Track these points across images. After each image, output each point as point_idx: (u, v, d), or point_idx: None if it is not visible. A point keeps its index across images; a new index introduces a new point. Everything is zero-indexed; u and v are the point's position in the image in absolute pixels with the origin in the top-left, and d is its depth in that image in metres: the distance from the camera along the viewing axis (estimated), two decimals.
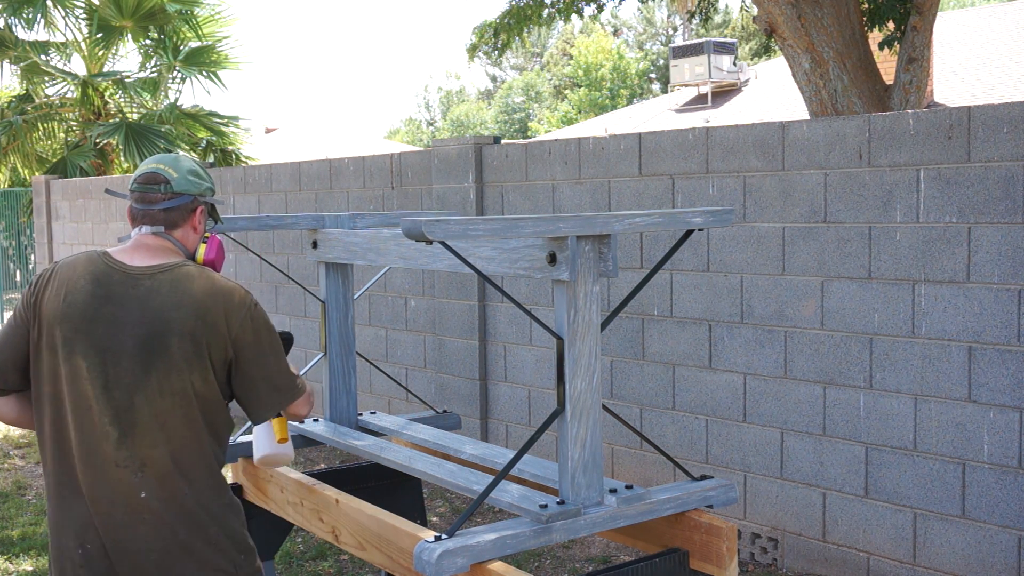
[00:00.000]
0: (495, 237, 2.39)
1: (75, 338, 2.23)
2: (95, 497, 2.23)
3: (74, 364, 2.23)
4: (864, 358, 4.18)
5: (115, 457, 2.21)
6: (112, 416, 2.21)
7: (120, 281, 2.27)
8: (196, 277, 2.30)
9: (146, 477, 2.22)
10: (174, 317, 2.23)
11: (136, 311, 2.24)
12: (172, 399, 2.23)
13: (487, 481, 2.67)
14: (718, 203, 4.64)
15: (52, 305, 2.27)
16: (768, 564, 4.57)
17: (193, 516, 2.26)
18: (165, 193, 2.36)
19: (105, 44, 12.73)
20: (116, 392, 2.22)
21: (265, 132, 29.19)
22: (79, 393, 2.23)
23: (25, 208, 12.62)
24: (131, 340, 2.22)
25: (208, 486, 2.29)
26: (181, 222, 2.39)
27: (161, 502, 2.23)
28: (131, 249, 2.35)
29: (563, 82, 47.86)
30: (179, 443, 2.24)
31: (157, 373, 2.22)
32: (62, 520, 2.27)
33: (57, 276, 2.31)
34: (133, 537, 2.22)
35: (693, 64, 19.94)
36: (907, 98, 6.85)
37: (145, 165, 2.41)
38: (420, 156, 6.35)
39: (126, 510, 2.22)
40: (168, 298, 2.25)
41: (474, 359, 5.93)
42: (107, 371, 2.22)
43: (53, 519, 2.29)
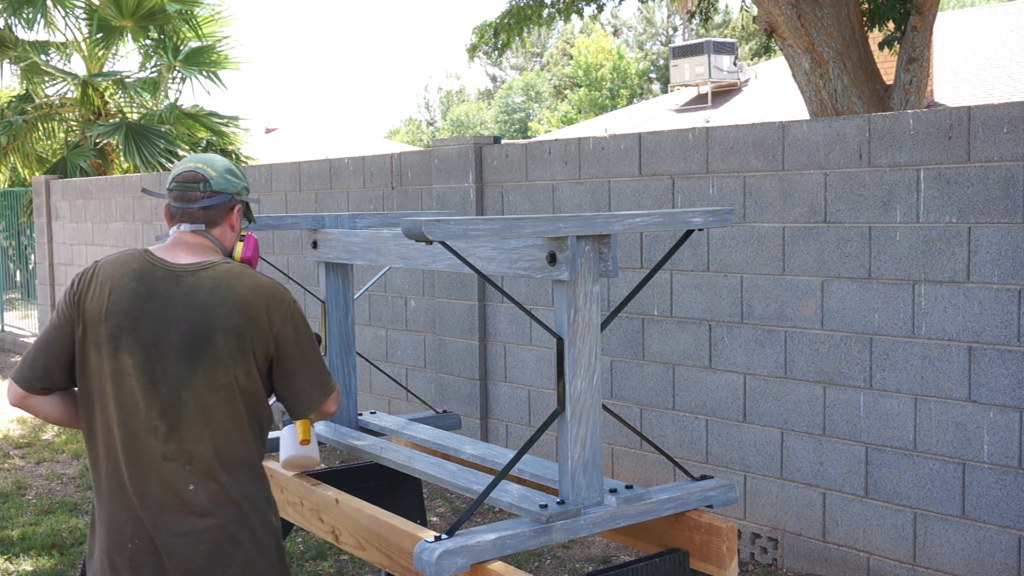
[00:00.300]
0: (495, 237, 2.39)
1: (120, 335, 2.27)
2: (143, 491, 2.26)
3: (120, 361, 2.26)
4: (864, 358, 4.18)
5: (163, 451, 2.25)
6: (160, 411, 2.25)
7: (163, 278, 2.31)
8: (238, 274, 2.34)
9: (194, 470, 2.26)
10: (218, 313, 2.27)
11: (180, 307, 2.28)
12: (218, 394, 2.27)
13: (487, 481, 2.67)
14: (718, 203, 4.64)
15: (96, 303, 2.30)
16: (768, 564, 4.57)
17: (239, 508, 2.30)
18: (204, 192, 2.41)
19: (105, 44, 12.73)
20: (163, 387, 2.25)
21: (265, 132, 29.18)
22: (126, 389, 2.26)
23: (25, 208, 12.62)
24: (176, 336, 2.26)
25: (252, 479, 2.34)
26: (219, 220, 2.44)
27: (209, 494, 2.27)
28: (172, 247, 2.39)
29: (563, 82, 47.86)
30: (224, 437, 2.29)
31: (203, 368, 2.26)
32: (113, 516, 2.29)
33: (99, 274, 2.34)
34: (182, 531, 2.25)
35: (693, 64, 19.93)
36: (907, 98, 6.85)
37: (183, 164, 2.45)
38: (420, 156, 6.35)
39: (175, 503, 2.25)
40: (212, 295, 2.29)
41: (474, 359, 5.93)
42: (153, 367, 2.26)
43: (105, 515, 2.31)
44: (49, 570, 4.79)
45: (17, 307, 13.56)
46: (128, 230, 9.63)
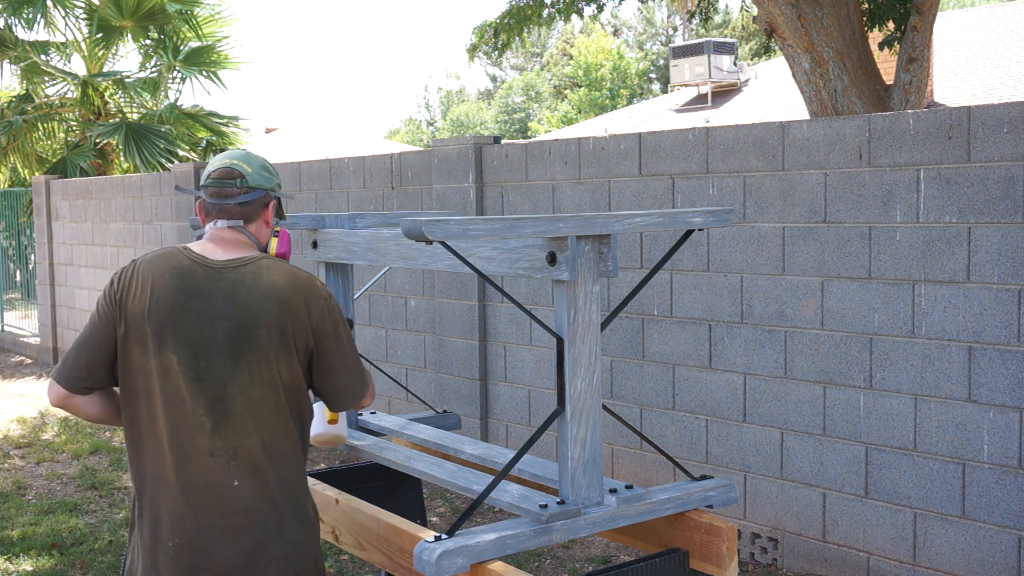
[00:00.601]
0: (495, 237, 2.39)
1: (164, 333, 2.28)
2: (189, 487, 2.27)
3: (165, 358, 2.27)
4: (864, 358, 4.18)
5: (209, 447, 2.26)
6: (206, 407, 2.27)
7: (204, 275, 2.33)
8: (276, 269, 2.37)
9: (239, 466, 2.27)
10: (260, 309, 2.29)
11: (223, 304, 2.30)
12: (262, 389, 2.29)
13: (487, 481, 2.67)
14: (718, 203, 4.64)
15: (138, 302, 2.31)
16: (768, 564, 4.57)
17: (281, 504, 2.32)
18: (241, 187, 2.43)
19: (105, 44, 12.72)
20: (208, 383, 2.27)
21: (265, 132, 29.19)
22: (171, 386, 2.27)
23: (25, 208, 12.61)
24: (220, 332, 2.28)
25: (295, 475, 2.36)
26: (255, 216, 2.46)
27: (253, 490, 2.28)
28: (210, 243, 2.40)
29: (563, 82, 47.86)
30: (269, 432, 2.30)
31: (247, 364, 2.28)
32: (156, 512, 2.30)
33: (140, 273, 2.35)
34: (227, 526, 2.27)
35: (693, 64, 19.93)
36: (907, 98, 6.85)
37: (218, 161, 2.47)
38: (420, 156, 6.35)
39: (220, 499, 2.27)
40: (252, 290, 2.31)
41: (474, 359, 5.93)
42: (198, 363, 2.27)
43: (148, 511, 2.31)
44: (49, 570, 4.79)
45: (17, 307, 13.56)
46: (128, 230, 9.63)
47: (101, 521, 5.51)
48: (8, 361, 11.47)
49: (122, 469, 6.54)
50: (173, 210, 8.85)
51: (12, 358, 11.69)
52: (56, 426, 7.80)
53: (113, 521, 5.49)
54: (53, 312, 11.05)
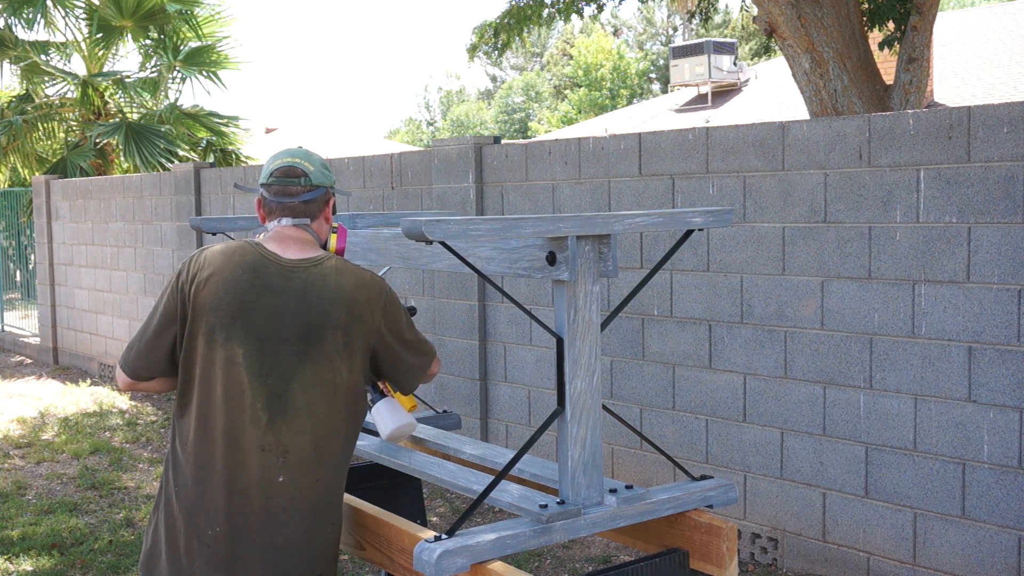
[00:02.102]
0: (495, 237, 2.39)
1: (233, 325, 2.31)
2: (235, 479, 2.29)
3: (231, 351, 2.31)
4: (864, 358, 4.18)
5: (262, 441, 2.29)
6: (265, 401, 2.30)
7: (277, 273, 2.37)
8: (343, 271, 2.41)
9: (287, 463, 2.30)
10: (329, 311, 2.34)
11: (293, 302, 2.34)
12: (321, 388, 2.33)
13: (487, 481, 2.67)
14: (718, 203, 4.64)
15: (209, 293, 2.33)
16: (768, 564, 4.57)
17: (321, 503, 2.36)
18: (304, 186, 2.46)
19: (105, 44, 12.72)
20: (271, 379, 2.31)
21: (265, 132, 29.18)
22: (233, 378, 2.30)
23: (25, 208, 12.61)
24: (290, 330, 2.32)
25: (339, 476, 2.41)
26: (318, 213, 2.50)
27: (297, 488, 2.32)
28: (279, 241, 2.43)
29: (563, 82, 47.86)
30: (323, 432, 2.34)
31: (311, 363, 2.32)
32: (197, 502, 2.32)
33: (210, 265, 2.37)
34: (265, 521, 2.29)
35: (693, 64, 19.93)
36: (907, 98, 6.85)
37: (278, 159, 2.49)
38: (420, 156, 6.35)
39: (262, 493, 2.29)
40: (323, 292, 2.36)
41: (474, 359, 5.93)
42: (263, 359, 2.31)
43: (189, 500, 2.33)
44: (49, 570, 4.79)
45: (17, 307, 13.56)
46: (128, 230, 9.63)
47: (101, 521, 5.51)
48: (8, 361, 11.47)
49: (122, 469, 6.54)
50: (173, 210, 8.85)
51: (12, 358, 11.69)
52: (56, 426, 7.80)
53: (113, 521, 5.49)
54: (53, 312, 11.05)
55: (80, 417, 8.10)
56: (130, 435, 7.45)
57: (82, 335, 10.53)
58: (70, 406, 8.56)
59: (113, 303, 9.87)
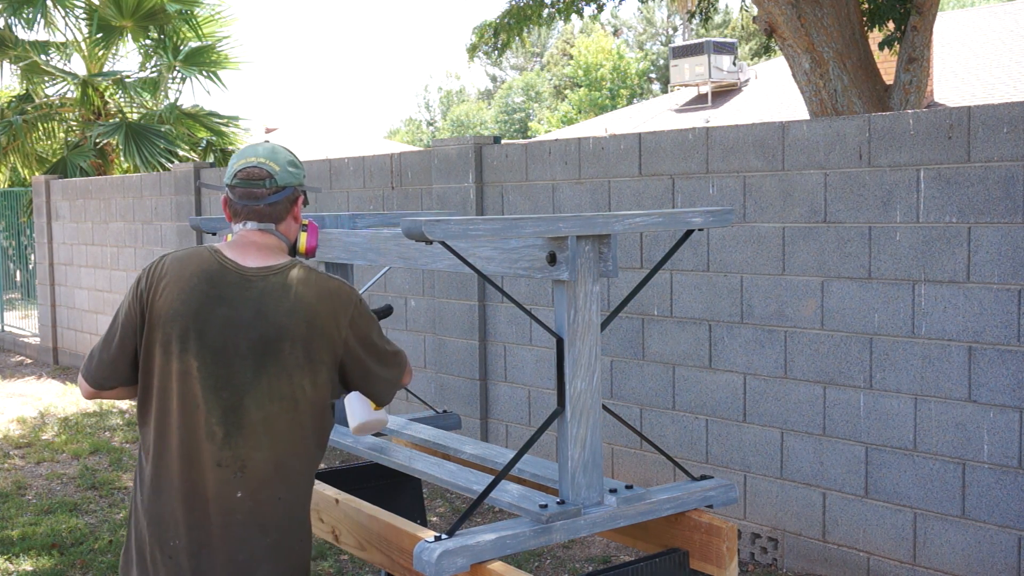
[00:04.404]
0: (495, 237, 2.39)
1: (188, 337, 2.24)
2: (192, 493, 2.23)
3: (185, 362, 2.23)
4: (864, 358, 4.18)
5: (218, 456, 2.22)
6: (220, 416, 2.22)
7: (234, 282, 2.27)
8: (305, 280, 2.30)
9: (245, 478, 2.23)
10: (286, 323, 2.24)
11: (250, 314, 2.25)
12: (280, 403, 2.24)
13: (487, 481, 2.67)
14: (718, 203, 4.64)
15: (164, 302, 2.26)
16: (768, 564, 4.57)
17: (284, 521, 2.28)
18: (269, 188, 2.36)
19: (105, 44, 12.72)
20: (225, 393, 2.23)
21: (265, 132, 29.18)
22: (188, 391, 2.23)
23: (25, 208, 12.61)
24: (244, 343, 2.23)
25: (303, 493, 2.32)
26: (284, 215, 2.40)
27: (256, 504, 2.24)
28: (240, 247, 2.34)
29: (563, 82, 47.85)
30: (283, 448, 2.26)
31: (268, 377, 2.23)
32: (159, 513, 2.27)
33: (168, 272, 2.30)
34: (224, 536, 2.23)
35: (693, 64, 19.93)
36: (907, 98, 6.85)
37: (243, 159, 2.38)
38: (420, 156, 6.35)
39: (220, 509, 2.23)
40: (281, 302, 2.26)
41: (474, 359, 5.93)
42: (218, 371, 2.23)
43: (151, 510, 2.29)
44: (49, 570, 4.79)
45: (17, 307, 13.55)
46: (128, 230, 9.63)
47: (101, 521, 5.51)
48: (8, 361, 11.46)
49: (122, 469, 6.54)
50: (173, 210, 8.85)
51: (12, 358, 11.69)
52: (56, 426, 7.80)
53: (113, 521, 5.48)
54: (53, 312, 11.05)
55: (80, 417, 8.10)
56: (130, 435, 7.45)
57: (82, 335, 10.52)
58: (70, 406, 8.56)
59: (113, 303, 9.86)
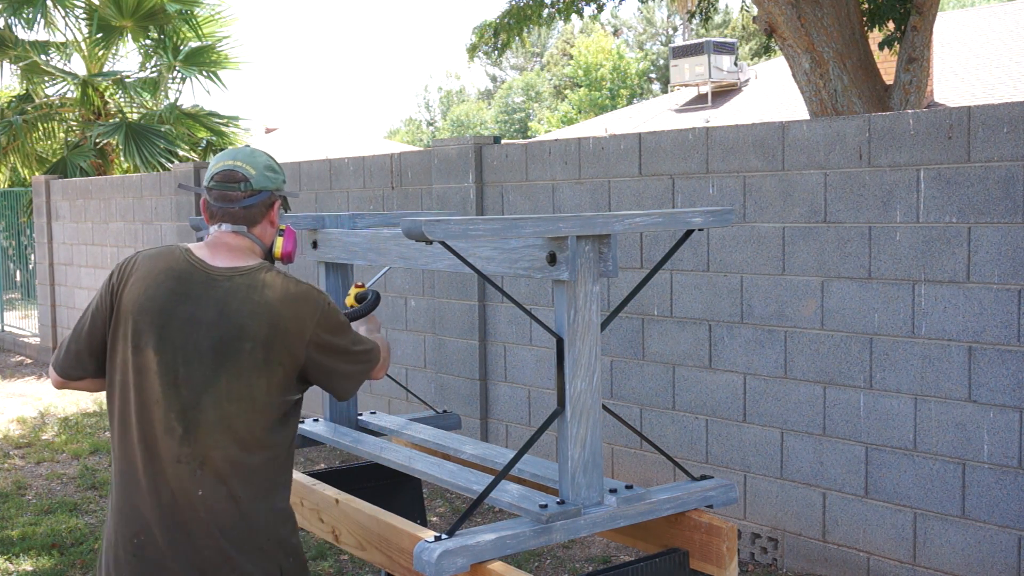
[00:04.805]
0: (495, 237, 2.39)
1: (150, 332, 2.26)
2: (156, 489, 2.24)
3: (146, 357, 2.25)
4: (864, 358, 4.18)
5: (178, 453, 2.23)
6: (178, 413, 2.24)
7: (200, 281, 2.29)
8: (271, 283, 2.31)
9: (204, 476, 2.24)
10: (248, 324, 2.25)
11: (212, 313, 2.26)
12: (239, 404, 2.25)
13: (487, 481, 2.67)
14: (718, 203, 4.64)
15: (131, 297, 2.29)
16: (768, 564, 4.57)
17: (242, 520, 2.27)
18: (245, 191, 2.37)
19: (105, 44, 12.72)
20: (184, 390, 2.24)
21: (265, 132, 29.19)
22: (147, 387, 2.25)
23: (25, 208, 12.61)
24: (205, 341, 2.25)
25: (267, 493, 2.31)
26: (260, 218, 2.41)
27: (216, 501, 2.25)
28: (212, 247, 2.36)
29: (563, 82, 47.85)
30: (240, 447, 2.26)
31: (227, 376, 2.24)
32: (123, 508, 2.28)
33: (139, 268, 2.33)
34: (188, 533, 2.24)
35: (693, 64, 19.93)
36: (907, 98, 6.85)
37: (220, 161, 2.41)
38: (420, 156, 6.35)
39: (185, 506, 2.24)
40: (244, 303, 2.27)
41: (474, 359, 5.93)
42: (177, 368, 2.24)
43: (116, 506, 2.30)
44: (49, 570, 4.79)
45: (17, 307, 13.55)
46: (128, 230, 9.62)
47: (101, 521, 5.51)
48: (8, 361, 11.46)
49: None
50: (173, 210, 8.85)
51: (12, 358, 11.69)
52: (56, 426, 7.80)
53: None
54: (53, 312, 11.05)
55: (80, 417, 8.10)
56: None
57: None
58: (70, 406, 8.56)
59: None
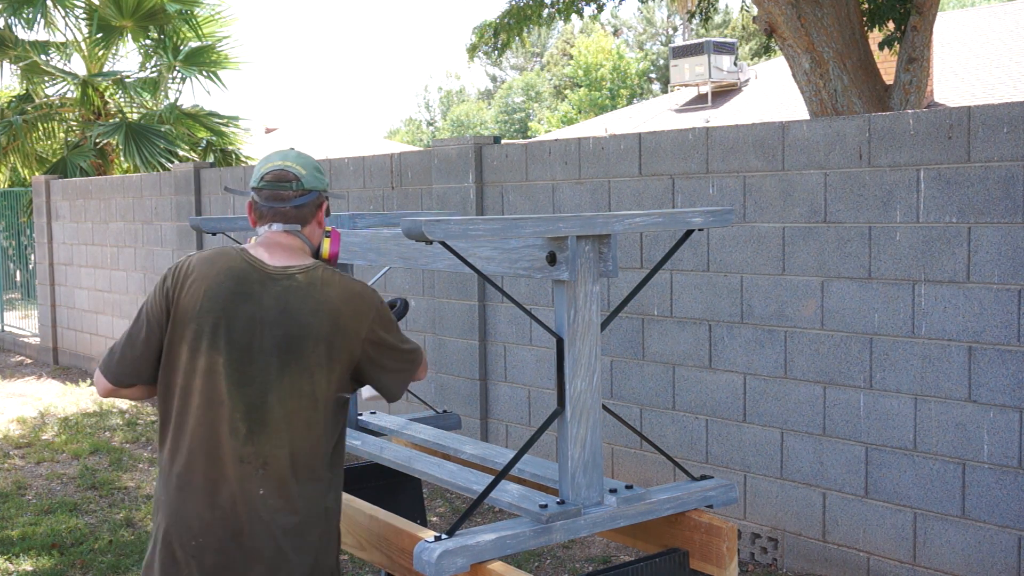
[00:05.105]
0: (495, 237, 2.39)
1: (215, 333, 2.27)
2: (215, 490, 2.25)
3: (211, 359, 2.26)
4: (864, 358, 4.18)
5: (241, 453, 2.25)
6: (243, 412, 2.25)
7: (259, 280, 2.32)
8: (330, 281, 2.35)
9: (266, 475, 2.26)
10: (311, 322, 2.29)
11: (274, 312, 2.29)
12: (300, 401, 2.28)
13: (487, 481, 2.67)
14: (718, 203, 4.64)
15: (190, 299, 2.30)
16: (768, 564, 4.57)
17: (302, 517, 2.30)
18: (296, 191, 2.41)
19: (105, 44, 12.72)
20: (249, 389, 2.26)
21: (265, 132, 29.18)
22: (212, 388, 2.26)
23: (25, 208, 12.61)
24: (269, 340, 2.27)
25: (323, 489, 2.34)
26: (310, 218, 2.44)
27: (277, 501, 2.27)
28: (266, 247, 2.38)
29: (563, 82, 47.85)
30: (300, 444, 2.29)
31: (290, 374, 2.27)
32: (180, 511, 2.28)
33: (195, 271, 2.34)
34: (248, 533, 2.25)
35: (693, 64, 19.93)
36: (907, 98, 6.85)
37: (270, 163, 2.43)
38: (420, 156, 6.35)
39: (244, 506, 2.25)
40: (305, 302, 2.30)
41: (474, 359, 5.93)
42: (243, 368, 2.26)
43: (172, 508, 2.30)
44: (49, 570, 4.79)
45: (17, 307, 13.56)
46: (128, 230, 9.63)
47: (101, 521, 5.51)
48: (8, 361, 11.47)
49: (122, 469, 6.54)
50: (173, 210, 8.85)
51: (12, 358, 11.69)
52: (56, 426, 7.80)
53: (113, 521, 5.48)
54: (53, 312, 11.05)
55: (80, 417, 8.10)
56: (130, 435, 7.45)
57: (82, 335, 10.53)
58: (70, 406, 8.56)
59: (113, 303, 9.87)
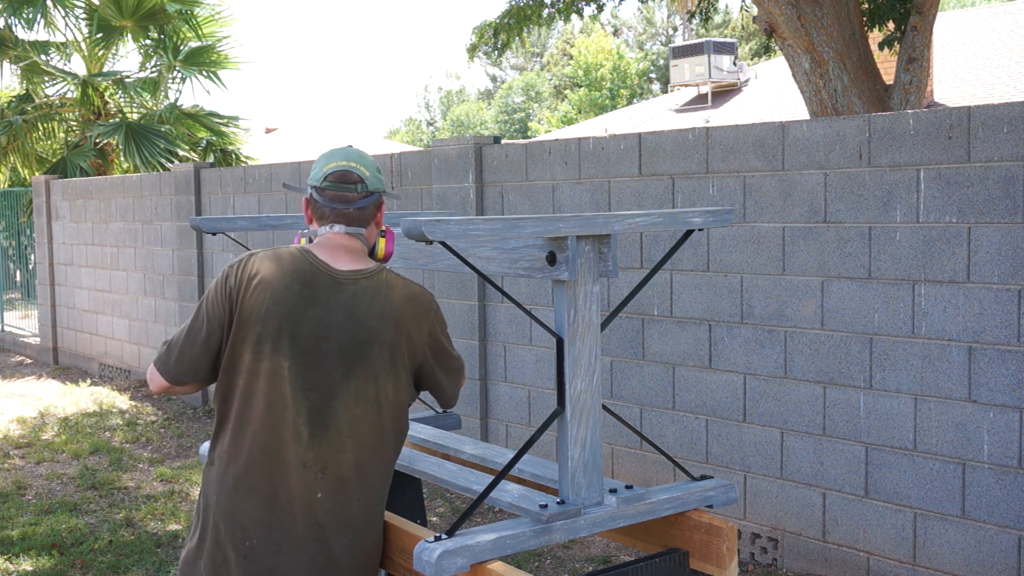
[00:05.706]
0: (495, 237, 2.38)
1: (280, 337, 2.25)
2: (274, 493, 2.25)
3: (276, 362, 2.25)
4: (864, 358, 4.18)
5: (303, 457, 2.24)
6: (307, 417, 2.25)
7: (326, 284, 2.30)
8: (394, 285, 2.35)
9: (326, 479, 2.26)
10: (376, 327, 2.28)
11: (341, 316, 2.27)
12: (365, 406, 2.28)
13: (487, 481, 2.67)
14: (718, 203, 4.64)
15: (256, 301, 2.26)
16: (768, 564, 4.57)
17: (360, 522, 2.31)
18: (361, 192, 2.38)
19: (105, 44, 12.72)
20: (313, 394, 2.25)
21: (265, 132, 29.16)
22: (277, 391, 2.24)
23: (25, 208, 12.61)
24: (335, 345, 2.26)
25: (378, 494, 2.36)
26: (370, 219, 2.42)
27: (335, 505, 2.27)
28: (330, 249, 2.35)
29: (563, 82, 47.85)
30: (365, 450, 2.29)
31: (355, 379, 2.27)
32: (235, 512, 2.27)
33: (260, 271, 2.29)
34: (305, 537, 2.25)
35: (693, 64, 19.93)
36: (907, 98, 6.85)
37: (332, 161, 2.38)
38: (420, 156, 6.35)
39: (303, 510, 2.25)
40: (371, 307, 2.29)
41: (474, 359, 5.93)
42: (308, 373, 2.25)
43: (226, 508, 2.28)
44: (49, 570, 4.79)
45: (17, 307, 13.56)
46: (128, 230, 9.62)
47: (101, 521, 5.51)
48: (8, 361, 11.46)
49: (122, 469, 6.54)
50: (173, 210, 8.85)
51: (12, 358, 11.69)
52: (56, 426, 7.80)
53: (113, 521, 5.48)
54: (53, 312, 11.05)
55: (80, 417, 8.10)
56: (130, 435, 7.45)
57: (82, 335, 10.52)
58: (70, 406, 8.56)
59: (113, 303, 9.87)
